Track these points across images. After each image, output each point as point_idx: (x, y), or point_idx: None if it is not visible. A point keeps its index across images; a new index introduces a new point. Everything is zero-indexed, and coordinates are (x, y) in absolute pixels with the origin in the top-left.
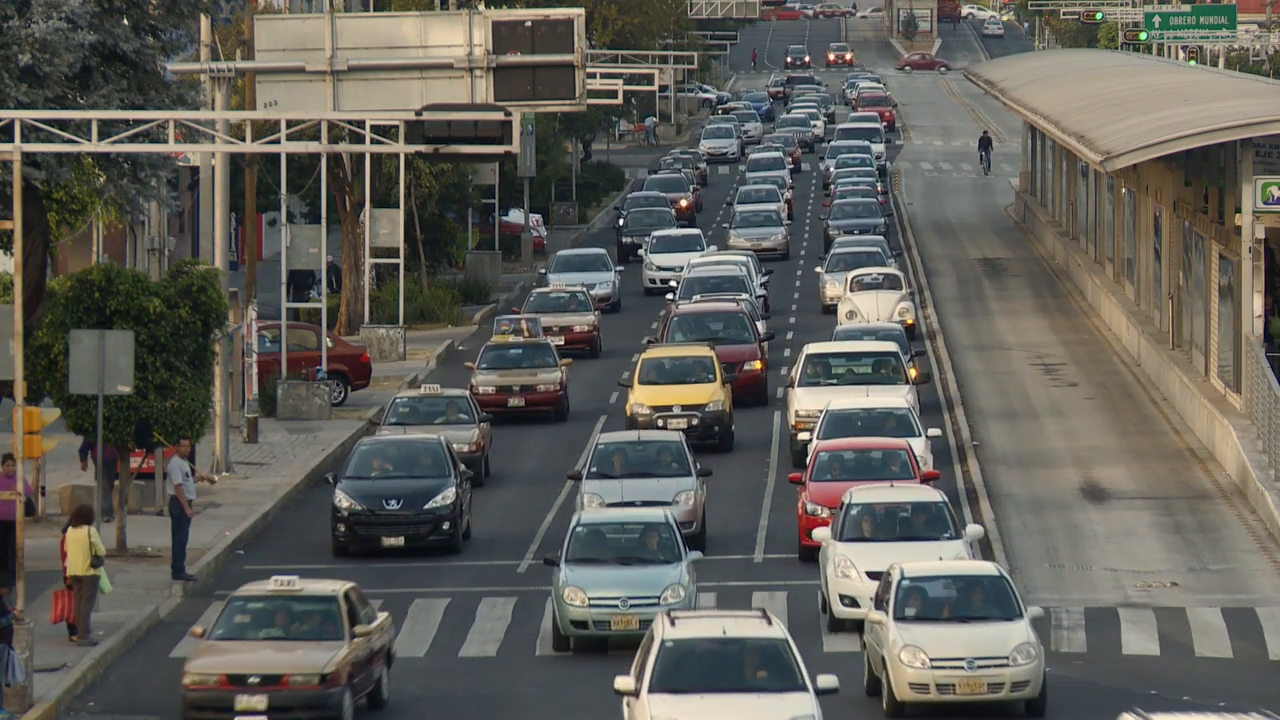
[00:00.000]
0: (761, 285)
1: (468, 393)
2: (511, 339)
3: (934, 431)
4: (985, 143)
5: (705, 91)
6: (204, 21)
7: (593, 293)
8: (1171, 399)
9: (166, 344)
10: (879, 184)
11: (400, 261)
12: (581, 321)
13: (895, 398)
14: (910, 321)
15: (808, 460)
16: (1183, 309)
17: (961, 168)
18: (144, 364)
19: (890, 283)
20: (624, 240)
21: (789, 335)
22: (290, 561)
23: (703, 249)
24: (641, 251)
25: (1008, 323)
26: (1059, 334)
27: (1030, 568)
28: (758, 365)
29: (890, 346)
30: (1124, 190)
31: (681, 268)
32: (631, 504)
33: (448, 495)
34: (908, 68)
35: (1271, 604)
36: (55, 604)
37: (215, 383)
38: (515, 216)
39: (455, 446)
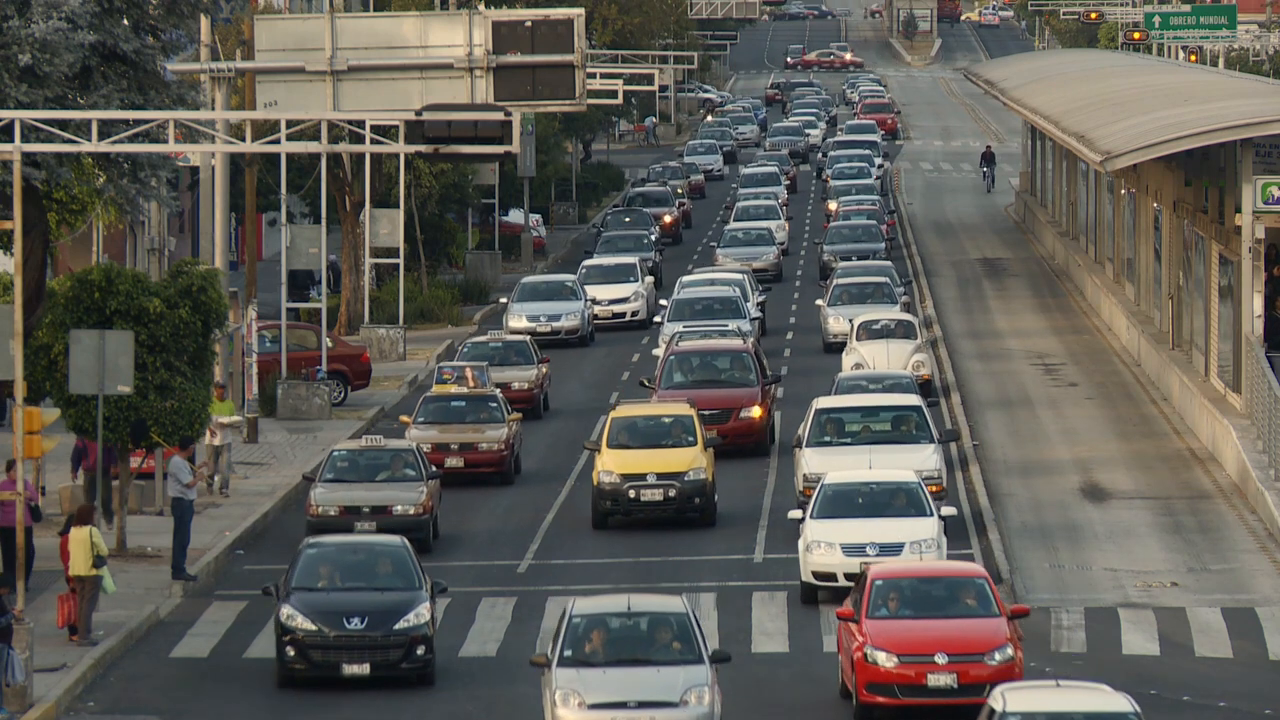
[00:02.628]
0: (758, 305)
1: (414, 445)
2: (453, 389)
3: (948, 511)
4: (989, 158)
5: (706, 91)
6: (204, 21)
7: (558, 324)
8: (1171, 399)
9: (166, 344)
10: (881, 204)
11: (400, 261)
12: (521, 378)
13: (918, 460)
14: (926, 375)
15: (857, 586)
16: (1183, 309)
17: (961, 168)
18: (144, 364)
19: (904, 330)
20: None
21: (783, 374)
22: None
23: (638, 279)
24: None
25: (1007, 322)
26: (1059, 334)
27: (1030, 568)
28: (755, 412)
29: (912, 400)
30: (1124, 190)
31: (607, 301)
32: (624, 705)
33: (421, 612)
34: (816, 67)
35: (1271, 604)
36: (60, 608)
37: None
38: (515, 216)
39: (399, 508)
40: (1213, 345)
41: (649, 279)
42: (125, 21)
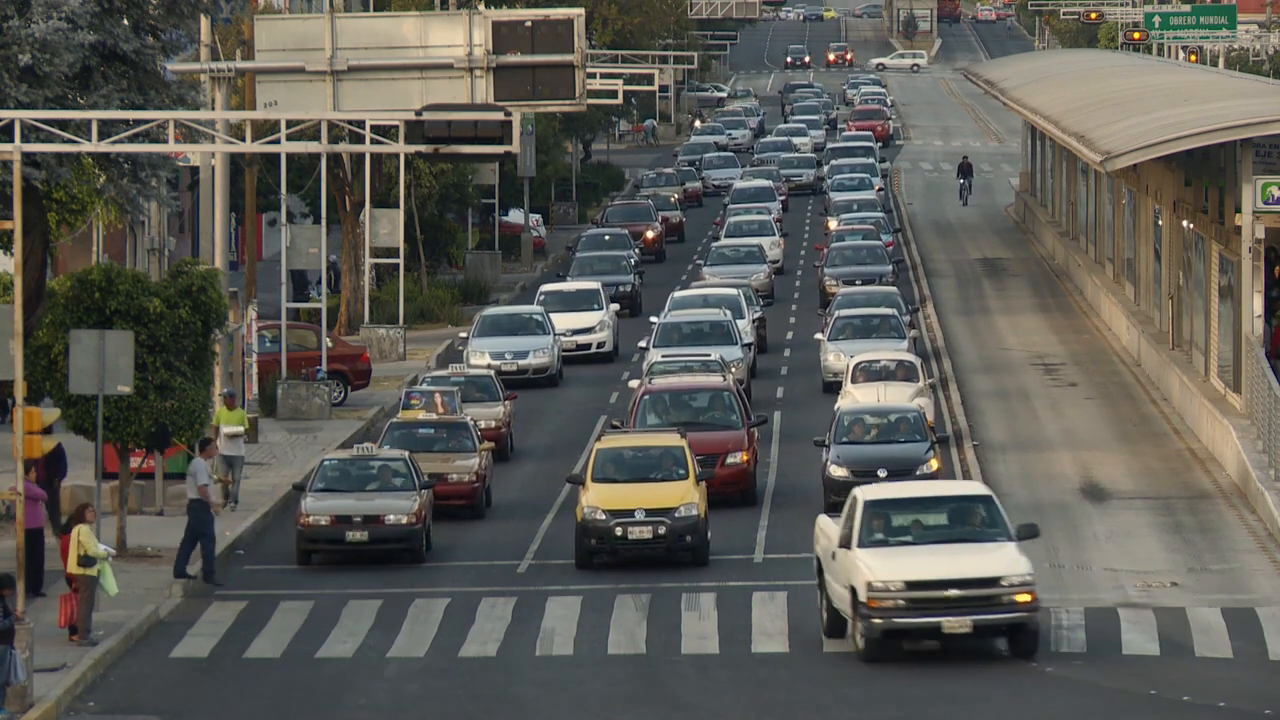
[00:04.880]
0: (755, 322)
1: (406, 454)
2: (421, 415)
3: None
4: (966, 170)
5: (720, 91)
6: (204, 21)
7: (525, 362)
8: (1171, 399)
9: (166, 344)
10: (885, 221)
11: (400, 261)
12: (486, 415)
13: (1001, 563)
14: (928, 422)
15: None
16: (1183, 309)
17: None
18: (144, 364)
19: (905, 372)
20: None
21: (776, 418)
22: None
23: (602, 307)
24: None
25: (1007, 323)
26: (1059, 334)
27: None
28: (743, 457)
29: (977, 489)
30: (1124, 191)
31: (570, 331)
32: None
33: None
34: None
35: (1271, 604)
36: (61, 608)
37: (215, 383)
38: (515, 216)
39: (392, 517)
40: (1213, 345)
41: (614, 306)
42: (125, 21)
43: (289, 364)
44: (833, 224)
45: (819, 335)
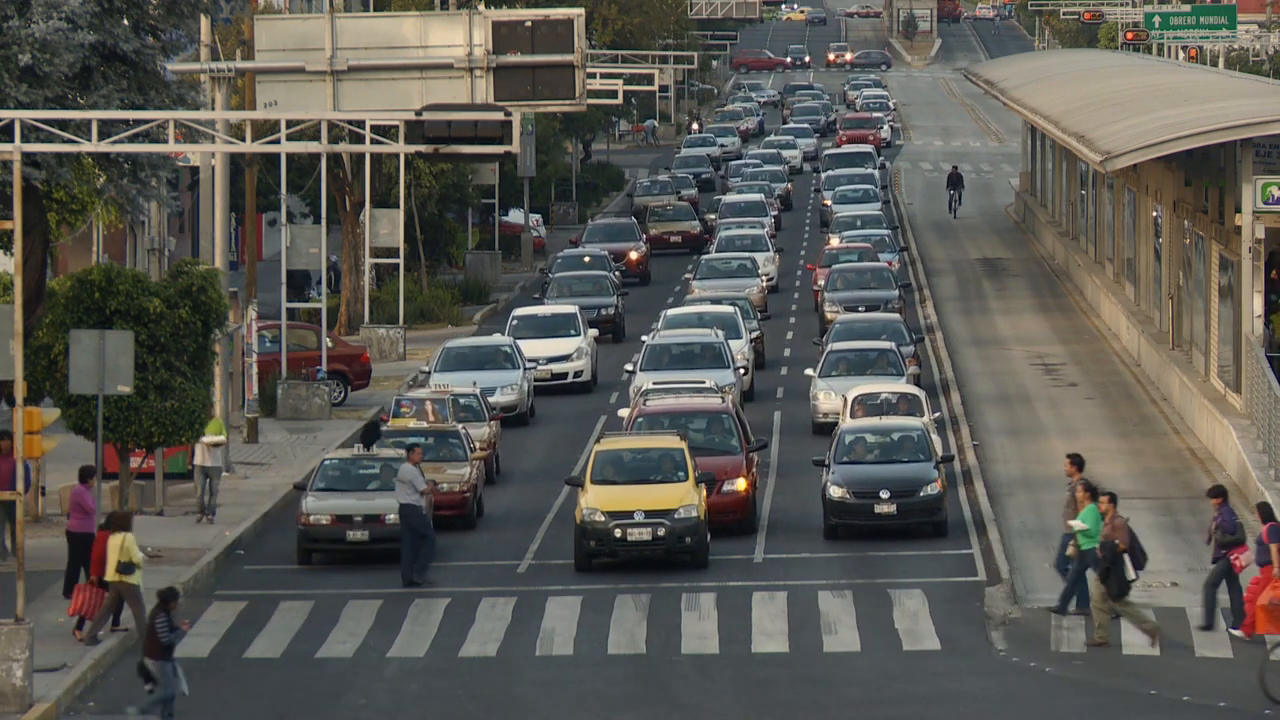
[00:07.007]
0: (752, 341)
1: (406, 454)
2: (412, 424)
3: None
4: (955, 180)
5: (755, 88)
6: (204, 21)
7: (493, 399)
8: (1171, 399)
9: (166, 344)
10: (890, 238)
11: (400, 261)
12: (473, 436)
13: None
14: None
15: None
16: (1183, 309)
17: (961, 167)
18: (144, 364)
19: (907, 406)
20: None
21: (774, 424)
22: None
23: (580, 333)
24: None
25: (1007, 322)
26: (1059, 334)
27: (1030, 568)
28: (741, 485)
29: None
30: (1124, 191)
31: (544, 359)
32: None
33: None
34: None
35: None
36: (76, 597)
37: (215, 383)
38: (515, 216)
39: (392, 517)
40: (1213, 345)
41: (593, 331)
42: (125, 21)
43: (289, 364)
44: (834, 241)
45: (810, 371)
